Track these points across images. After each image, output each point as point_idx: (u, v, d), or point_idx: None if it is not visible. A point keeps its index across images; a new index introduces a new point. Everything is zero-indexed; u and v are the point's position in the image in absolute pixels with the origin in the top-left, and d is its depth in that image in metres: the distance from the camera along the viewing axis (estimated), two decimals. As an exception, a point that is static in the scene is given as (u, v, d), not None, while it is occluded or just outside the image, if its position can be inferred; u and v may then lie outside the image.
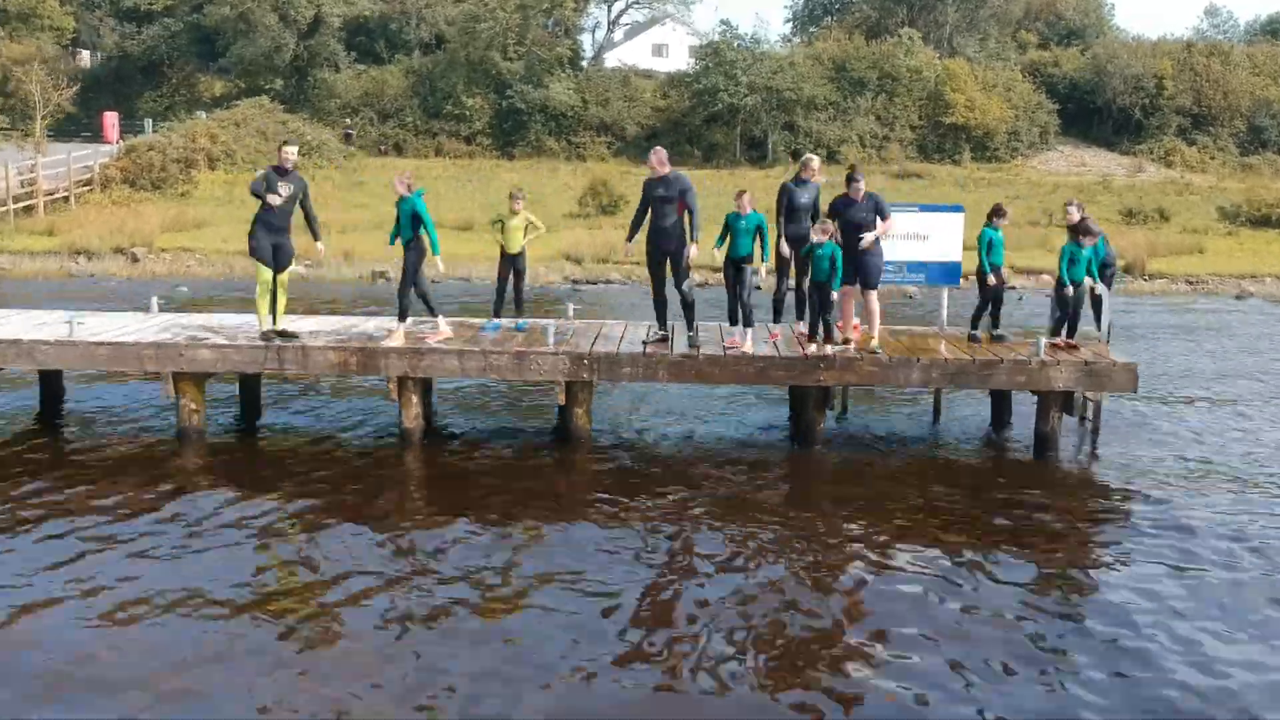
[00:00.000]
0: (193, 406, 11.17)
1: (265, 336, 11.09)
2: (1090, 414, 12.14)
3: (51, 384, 12.51)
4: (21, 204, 32.38)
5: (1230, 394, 14.64)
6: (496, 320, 12.06)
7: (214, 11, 52.13)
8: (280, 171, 10.93)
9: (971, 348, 11.47)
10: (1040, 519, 9.32)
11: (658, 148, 11.64)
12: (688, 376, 11.10)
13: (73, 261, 26.66)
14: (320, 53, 52.70)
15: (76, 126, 50.30)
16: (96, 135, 46.87)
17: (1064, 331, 11.53)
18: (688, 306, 11.25)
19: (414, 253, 11.03)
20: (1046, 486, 10.36)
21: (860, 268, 11.28)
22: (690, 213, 11.10)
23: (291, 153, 10.96)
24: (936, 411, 12.82)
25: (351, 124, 48.87)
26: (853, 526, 9.03)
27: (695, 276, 11.56)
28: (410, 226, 10.96)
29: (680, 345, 11.22)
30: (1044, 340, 11.21)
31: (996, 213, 11.88)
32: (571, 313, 13.08)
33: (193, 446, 10.99)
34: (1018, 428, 12.33)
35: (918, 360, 10.87)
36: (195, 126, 42.03)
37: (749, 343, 11.21)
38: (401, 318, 11.30)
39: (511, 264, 12.10)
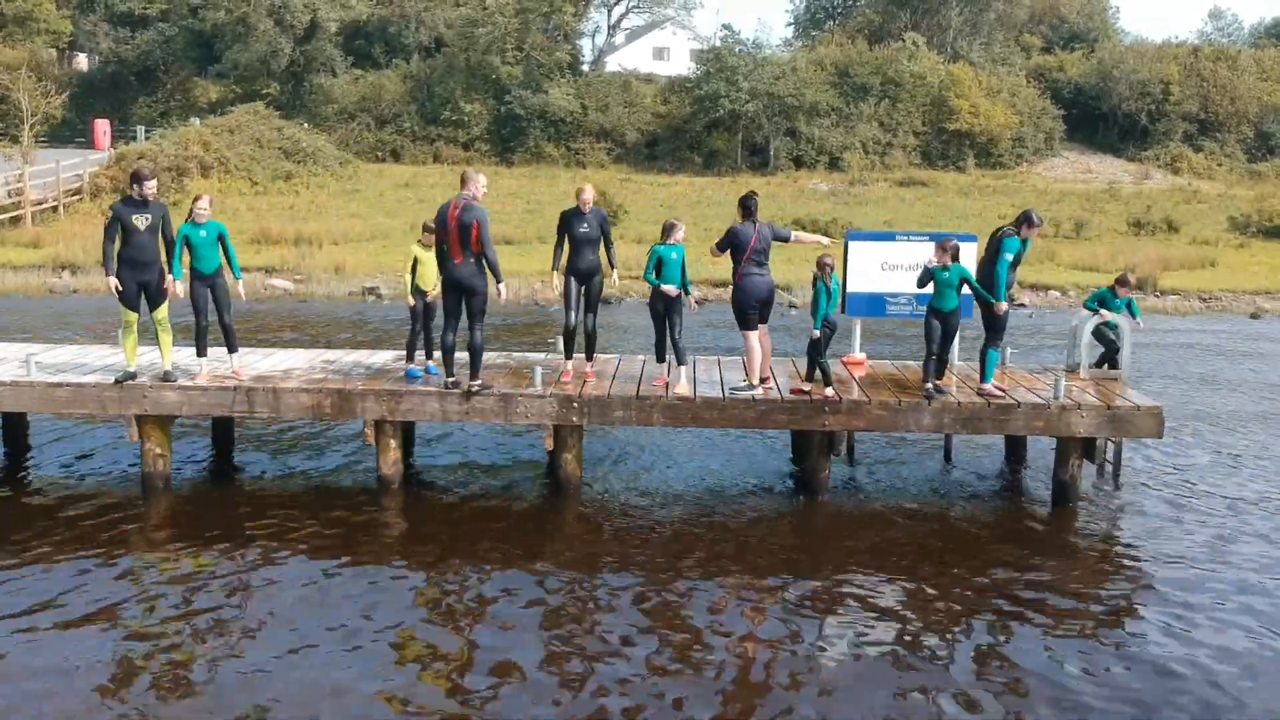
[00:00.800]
0: (158, 451, 10.50)
1: (119, 380, 10.29)
2: (1111, 458, 11.49)
3: (14, 421, 11.85)
4: (9, 214, 31.77)
5: (1260, 431, 13.96)
6: (416, 367, 10.94)
7: (210, 16, 51.54)
8: (136, 203, 10.05)
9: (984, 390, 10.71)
10: (1055, 583, 8.61)
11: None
12: (684, 421, 10.42)
13: (56, 276, 26.01)
14: (317, 58, 52.11)
15: (71, 132, 49.74)
16: (90, 142, 46.31)
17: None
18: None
19: None
20: (1065, 543, 9.68)
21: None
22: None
23: (151, 186, 10.14)
24: (948, 452, 12.15)
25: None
26: (855, 588, 8.37)
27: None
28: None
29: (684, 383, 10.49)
30: (1062, 381, 10.52)
31: (1121, 283, 11.81)
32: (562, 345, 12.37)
33: (158, 494, 10.33)
34: (1035, 469, 11.68)
35: (929, 404, 10.20)
36: (188, 134, 41.39)
37: (684, 383, 10.49)
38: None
39: (425, 303, 10.90)
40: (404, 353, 11.27)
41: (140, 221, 10.06)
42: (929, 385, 10.27)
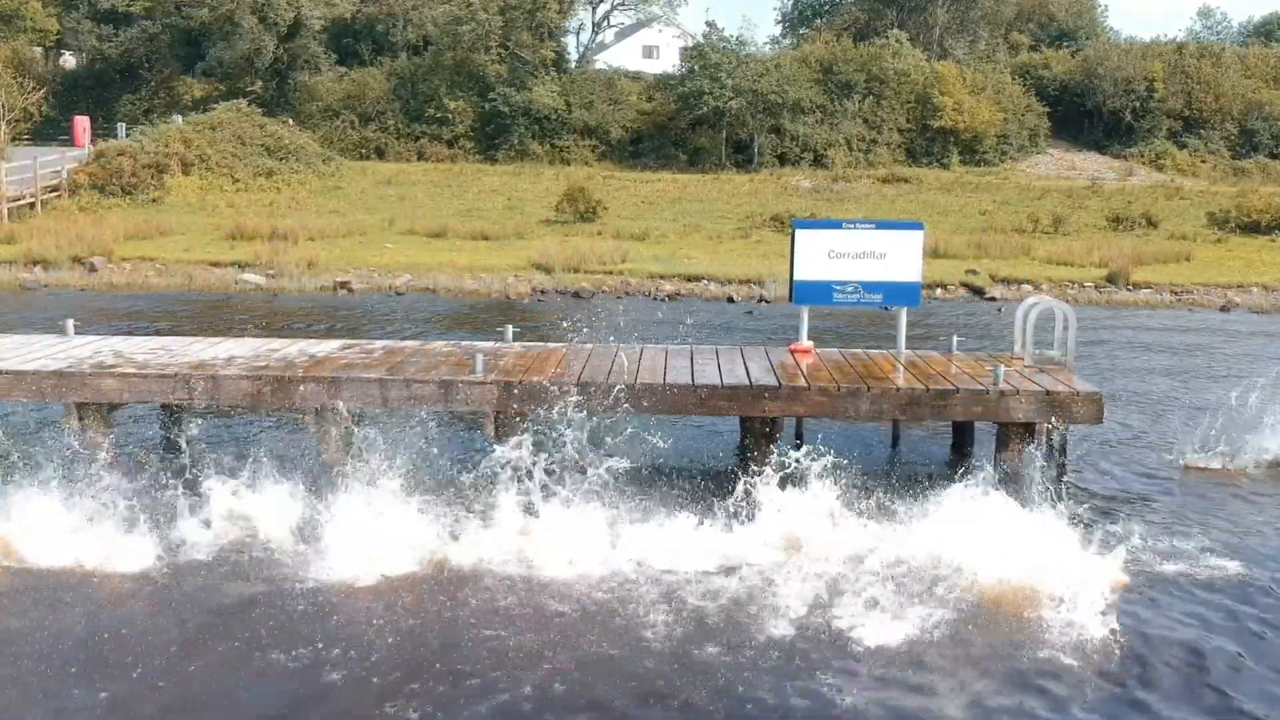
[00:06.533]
0: (98, 440, 10.49)
1: None
2: (1058, 444, 11.49)
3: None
4: (-15, 211, 31.74)
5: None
6: None
7: (194, 13, 51.48)
8: None
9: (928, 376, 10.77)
10: (987, 567, 8.62)
11: None
12: (624, 407, 10.41)
13: (28, 271, 25.97)
14: (300, 55, 52.06)
15: (55, 130, 49.64)
16: (72, 139, 46.23)
17: None
18: None
19: None
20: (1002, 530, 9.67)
21: None
22: None
23: None
24: (895, 438, 12.16)
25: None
26: (790, 573, 8.38)
27: None
28: None
29: None
30: (1002, 368, 10.54)
31: None
32: (510, 335, 12.39)
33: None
34: (980, 458, 11.67)
35: (868, 390, 10.21)
36: (169, 131, 41.37)
37: None
38: None
39: None
40: (351, 342, 11.27)
41: None
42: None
